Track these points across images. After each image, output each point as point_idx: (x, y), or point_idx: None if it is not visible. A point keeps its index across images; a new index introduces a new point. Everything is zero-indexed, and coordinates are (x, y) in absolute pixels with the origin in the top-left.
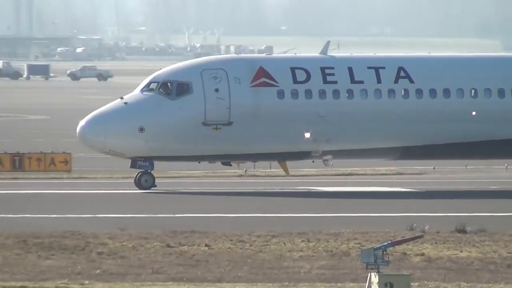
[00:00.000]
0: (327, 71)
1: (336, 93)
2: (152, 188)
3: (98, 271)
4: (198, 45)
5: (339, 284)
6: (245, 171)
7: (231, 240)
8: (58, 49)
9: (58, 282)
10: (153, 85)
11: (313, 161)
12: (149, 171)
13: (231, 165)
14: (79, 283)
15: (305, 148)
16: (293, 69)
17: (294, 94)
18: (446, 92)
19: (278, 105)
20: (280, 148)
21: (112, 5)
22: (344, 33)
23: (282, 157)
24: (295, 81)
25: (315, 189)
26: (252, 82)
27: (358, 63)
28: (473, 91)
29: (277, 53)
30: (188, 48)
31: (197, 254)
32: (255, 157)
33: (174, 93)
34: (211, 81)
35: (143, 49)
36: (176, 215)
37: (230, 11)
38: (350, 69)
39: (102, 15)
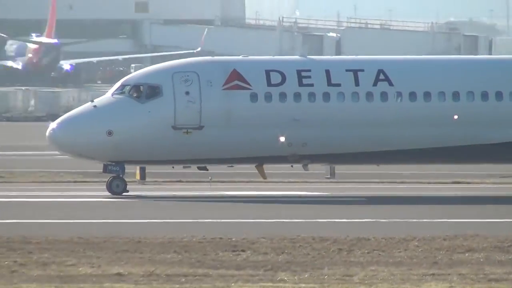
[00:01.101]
0: (303, 73)
1: (311, 96)
2: None
3: None
4: None
5: None
6: None
7: None
8: None
9: None
10: (125, 88)
11: (291, 166)
12: (120, 175)
13: (207, 170)
14: None
15: (280, 153)
16: (268, 72)
17: (268, 97)
18: (427, 95)
19: (251, 109)
20: (254, 153)
21: None
22: None
23: (257, 162)
24: (269, 84)
25: None
26: (224, 85)
27: (336, 66)
28: (455, 94)
29: None
30: None
31: None
32: (229, 162)
33: (144, 96)
34: (182, 84)
35: None
36: None
37: None
38: (327, 71)
39: None
